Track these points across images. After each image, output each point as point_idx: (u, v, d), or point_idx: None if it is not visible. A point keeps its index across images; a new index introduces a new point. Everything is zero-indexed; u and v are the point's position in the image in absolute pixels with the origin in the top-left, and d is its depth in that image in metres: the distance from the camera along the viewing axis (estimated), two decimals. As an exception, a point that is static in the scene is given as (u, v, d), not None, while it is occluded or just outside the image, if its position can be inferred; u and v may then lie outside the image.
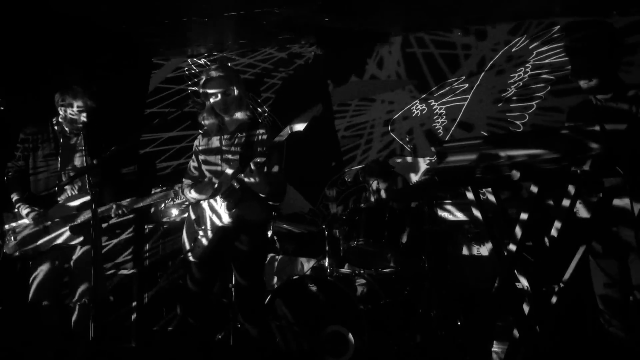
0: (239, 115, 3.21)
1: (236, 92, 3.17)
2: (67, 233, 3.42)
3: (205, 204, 3.14)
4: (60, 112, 3.54)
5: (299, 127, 2.89)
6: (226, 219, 3.05)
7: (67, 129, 3.57)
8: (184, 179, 3.31)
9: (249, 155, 3.02)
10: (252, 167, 2.87)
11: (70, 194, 3.52)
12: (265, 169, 2.96)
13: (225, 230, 3.09)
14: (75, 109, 3.50)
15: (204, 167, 3.26)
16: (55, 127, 3.58)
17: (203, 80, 3.19)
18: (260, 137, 3.17)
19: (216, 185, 3.09)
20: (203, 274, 3.19)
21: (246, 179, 2.93)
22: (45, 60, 4.56)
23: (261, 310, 3.40)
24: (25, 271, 3.55)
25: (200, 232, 3.12)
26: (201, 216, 3.15)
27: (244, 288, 3.18)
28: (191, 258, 3.15)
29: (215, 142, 3.25)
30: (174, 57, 5.74)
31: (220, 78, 3.14)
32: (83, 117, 3.52)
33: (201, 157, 3.27)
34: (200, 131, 3.35)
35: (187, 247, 3.16)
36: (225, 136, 3.23)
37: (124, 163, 5.03)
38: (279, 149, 2.99)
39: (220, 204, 3.07)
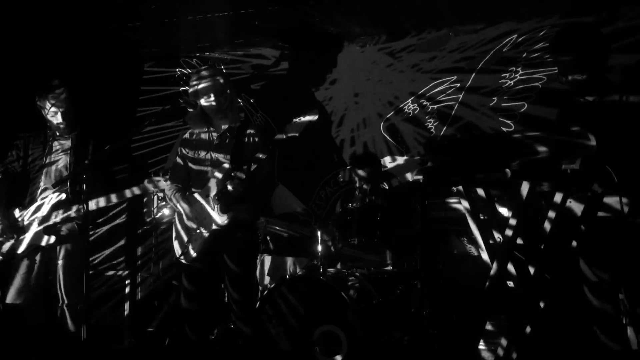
0: (229, 116, 3.21)
1: (227, 93, 3.17)
2: (44, 235, 3.38)
3: (197, 207, 3.14)
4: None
5: (295, 132, 2.90)
6: (221, 220, 3.05)
7: (56, 132, 3.54)
8: (169, 181, 3.29)
9: (240, 156, 3.03)
10: (245, 171, 2.90)
11: (47, 195, 3.46)
12: (258, 173, 2.99)
13: (220, 232, 3.09)
14: (47, 111, 3.46)
15: (191, 165, 3.25)
16: (49, 130, 3.57)
17: (194, 81, 3.19)
18: (252, 138, 3.17)
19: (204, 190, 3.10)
20: (197, 276, 3.18)
21: (236, 182, 2.95)
22: (37, 62, 4.53)
23: (254, 309, 3.41)
24: (6, 272, 3.51)
25: (193, 235, 3.11)
26: (193, 219, 3.14)
27: (237, 287, 3.18)
28: (184, 261, 3.14)
29: (204, 142, 3.24)
30: (165, 57, 5.71)
31: (212, 80, 3.14)
32: (59, 119, 3.47)
33: (189, 157, 3.27)
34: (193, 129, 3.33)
35: (179, 250, 3.15)
36: (215, 137, 3.22)
37: (115, 162, 5.00)
38: (272, 154, 3.00)
39: (213, 206, 3.07)
